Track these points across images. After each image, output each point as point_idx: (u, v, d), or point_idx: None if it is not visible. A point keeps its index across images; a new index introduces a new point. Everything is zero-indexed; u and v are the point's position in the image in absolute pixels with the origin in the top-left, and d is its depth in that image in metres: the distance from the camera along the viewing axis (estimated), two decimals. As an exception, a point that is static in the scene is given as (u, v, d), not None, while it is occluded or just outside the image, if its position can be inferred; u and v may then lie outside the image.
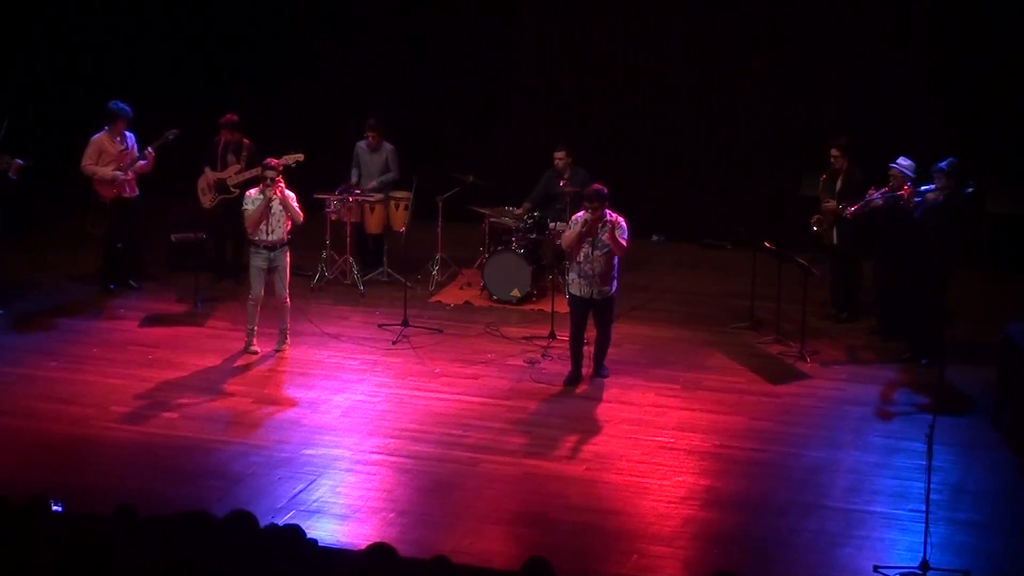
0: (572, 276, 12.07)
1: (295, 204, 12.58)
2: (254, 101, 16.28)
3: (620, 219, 11.86)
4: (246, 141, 14.47)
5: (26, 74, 16.61)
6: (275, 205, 12.44)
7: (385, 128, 14.83)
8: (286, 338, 12.79)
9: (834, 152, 13.44)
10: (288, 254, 12.71)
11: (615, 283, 11.99)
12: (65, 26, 17.02)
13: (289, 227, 12.64)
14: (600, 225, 11.73)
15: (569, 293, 12.30)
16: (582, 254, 11.83)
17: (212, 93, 16.45)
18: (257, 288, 12.64)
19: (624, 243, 11.84)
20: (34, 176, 13.92)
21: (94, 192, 14.15)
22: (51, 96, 16.63)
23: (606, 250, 11.77)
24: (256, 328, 12.69)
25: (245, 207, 12.61)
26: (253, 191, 12.66)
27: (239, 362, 12.52)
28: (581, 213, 11.88)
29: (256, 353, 12.64)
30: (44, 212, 16.11)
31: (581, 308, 12.01)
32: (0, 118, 13.56)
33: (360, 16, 16.92)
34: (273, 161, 12.71)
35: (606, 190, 11.90)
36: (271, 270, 12.63)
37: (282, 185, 12.51)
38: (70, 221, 15.88)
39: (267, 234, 12.53)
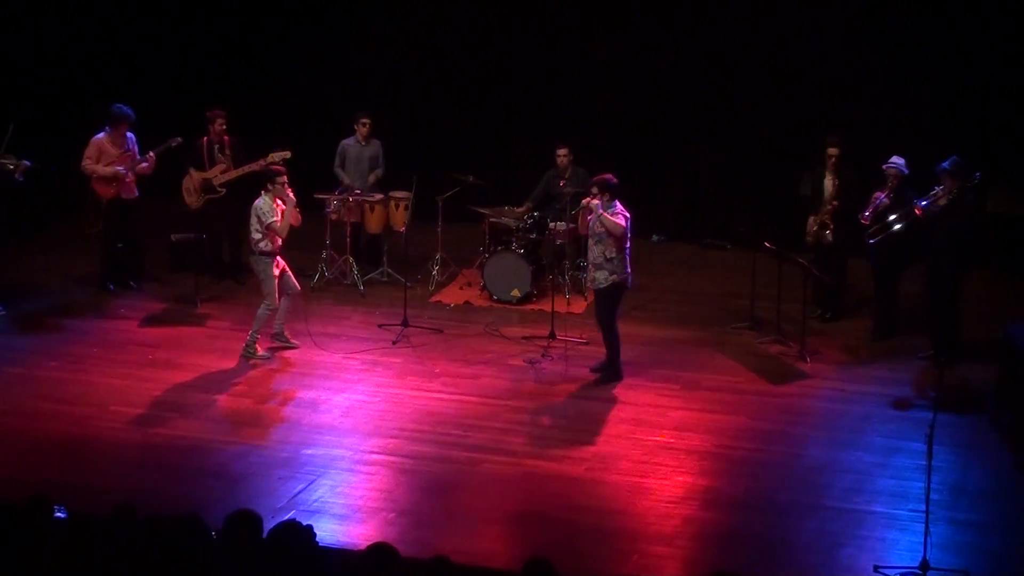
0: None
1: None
2: (251, 101, 16.28)
3: (618, 206, 11.83)
4: (227, 138, 14.42)
5: (26, 76, 16.60)
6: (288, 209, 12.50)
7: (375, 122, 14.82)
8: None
9: (832, 151, 13.35)
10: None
11: (607, 274, 11.82)
12: (59, 29, 17.02)
13: None
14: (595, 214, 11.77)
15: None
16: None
17: (206, 92, 16.42)
18: (275, 297, 12.52)
19: (616, 221, 11.68)
20: (36, 177, 13.91)
21: (92, 191, 14.14)
22: (50, 99, 16.61)
23: (597, 239, 11.83)
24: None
25: (273, 220, 12.34)
26: (260, 201, 12.45)
27: (239, 362, 12.51)
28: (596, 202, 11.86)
29: (268, 357, 12.57)
30: (44, 212, 16.09)
31: (596, 300, 12.20)
32: (6, 122, 13.58)
33: (358, 14, 16.90)
34: (276, 167, 12.73)
35: (615, 180, 11.93)
36: (282, 272, 12.63)
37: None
38: (70, 222, 15.86)
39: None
